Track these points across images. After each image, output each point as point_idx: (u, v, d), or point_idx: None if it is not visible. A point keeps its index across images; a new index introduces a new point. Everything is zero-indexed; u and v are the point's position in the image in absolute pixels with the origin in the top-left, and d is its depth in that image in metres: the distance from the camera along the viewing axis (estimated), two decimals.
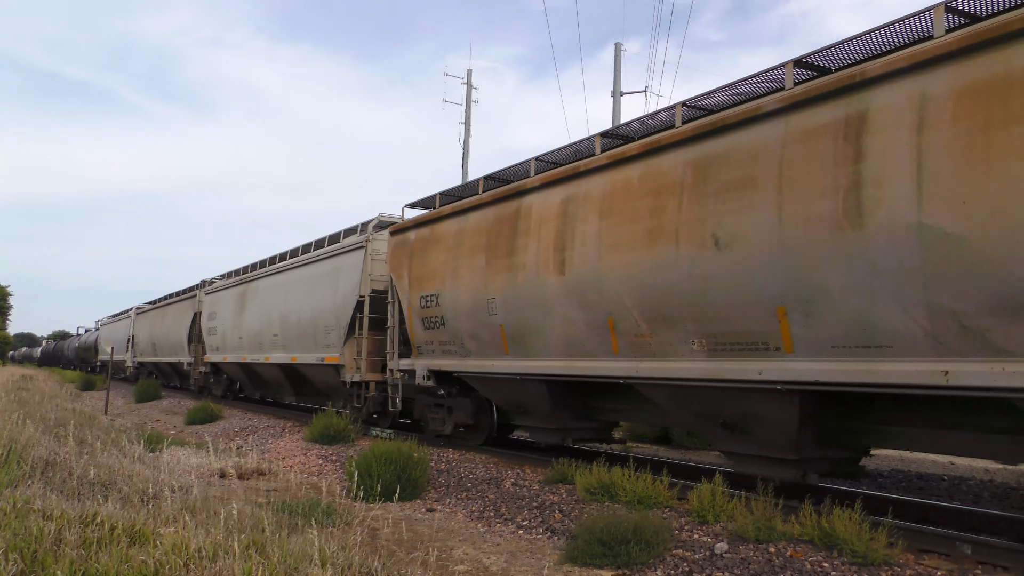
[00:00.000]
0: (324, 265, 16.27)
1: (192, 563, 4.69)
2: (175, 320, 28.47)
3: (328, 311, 15.40)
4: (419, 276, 11.98)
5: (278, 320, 18.14)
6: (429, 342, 11.96)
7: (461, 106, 28.88)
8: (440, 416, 12.34)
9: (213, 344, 23.08)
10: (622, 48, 22.96)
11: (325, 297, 15.68)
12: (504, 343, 10.15)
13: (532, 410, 10.46)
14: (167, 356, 29.89)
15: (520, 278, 9.56)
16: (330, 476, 10.78)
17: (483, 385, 11.19)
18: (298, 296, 17.14)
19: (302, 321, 16.76)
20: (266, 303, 19.07)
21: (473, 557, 6.47)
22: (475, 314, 10.53)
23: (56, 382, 33.57)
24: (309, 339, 16.34)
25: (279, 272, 18.91)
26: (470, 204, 11.01)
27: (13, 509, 5.52)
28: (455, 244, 11.12)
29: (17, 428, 8.98)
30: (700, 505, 7.04)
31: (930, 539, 6.06)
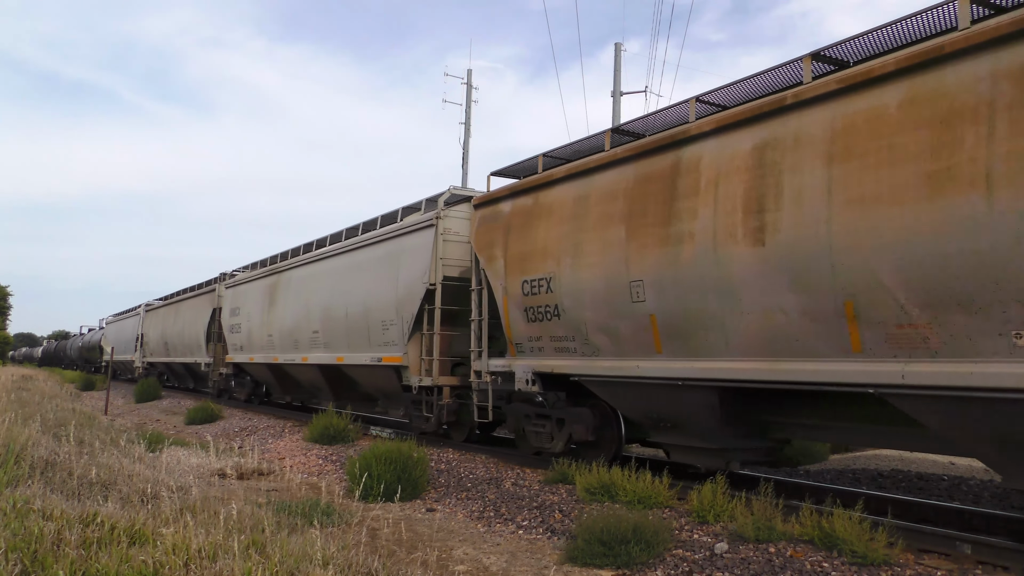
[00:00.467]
0: (380, 249, 14.00)
1: (192, 563, 4.69)
2: (191, 317, 26.30)
3: (387, 303, 13.28)
4: (520, 256, 9.91)
5: (319, 315, 15.92)
6: (534, 338, 9.81)
7: (461, 106, 28.91)
8: (545, 430, 10.11)
9: (236, 343, 20.93)
10: (622, 48, 22.96)
11: (383, 287, 13.51)
12: (655, 339, 7.98)
13: (686, 425, 8.27)
14: (181, 356, 27.59)
15: (685, 253, 7.42)
16: (330, 476, 10.78)
17: (613, 392, 8.97)
18: (346, 286, 14.91)
19: (351, 316, 14.53)
20: (303, 296, 16.86)
21: (473, 557, 6.47)
22: (609, 301, 8.43)
23: (56, 382, 33.36)
24: (360, 336, 14.18)
25: (319, 260, 16.62)
26: (596, 163, 8.86)
27: (13, 509, 5.52)
28: (575, 214, 9.02)
29: (17, 428, 8.98)
30: (700, 505, 7.04)
31: (930, 539, 6.06)
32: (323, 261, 16.39)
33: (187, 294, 27.64)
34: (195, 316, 25.78)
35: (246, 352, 20.21)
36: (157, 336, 31.27)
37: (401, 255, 13.17)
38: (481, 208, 11.06)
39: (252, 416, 19.29)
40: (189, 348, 26.37)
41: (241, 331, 20.51)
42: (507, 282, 10.14)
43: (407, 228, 13.16)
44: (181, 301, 28.20)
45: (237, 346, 20.92)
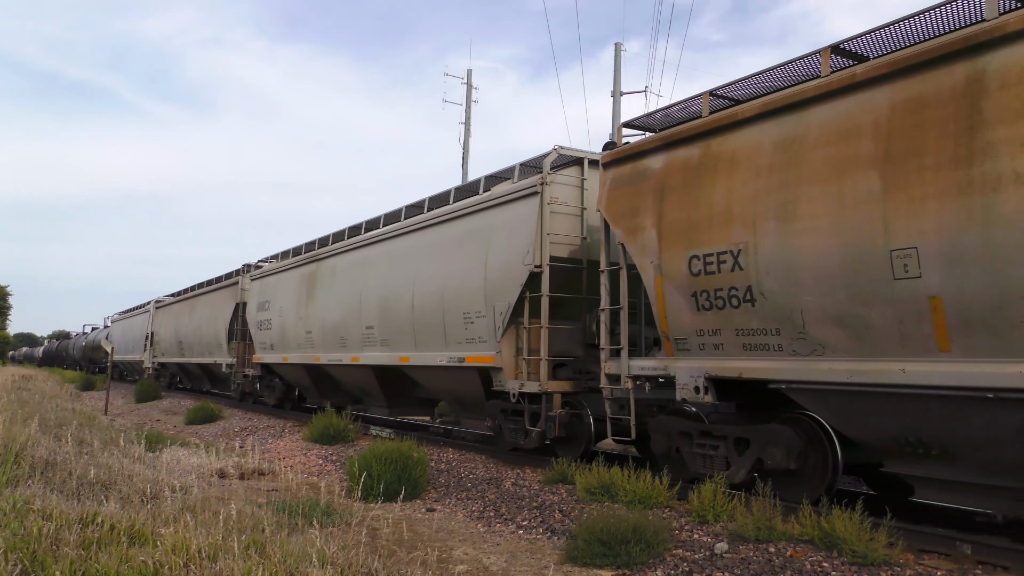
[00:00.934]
0: (459, 227, 11.55)
1: (192, 563, 4.69)
2: (209, 314, 24.01)
3: (471, 291, 10.83)
4: (684, 225, 7.76)
5: (374, 308, 13.52)
6: (707, 331, 7.60)
7: (461, 106, 28.91)
8: (717, 454, 7.87)
9: (265, 341, 18.61)
10: (622, 48, 22.96)
11: (465, 271, 11.06)
12: (939, 332, 5.72)
13: (970, 454, 5.98)
14: (198, 356, 25.21)
15: (1006, 204, 5.29)
16: (330, 476, 10.78)
17: (843, 406, 6.65)
18: (411, 273, 12.49)
19: (420, 308, 12.10)
20: (352, 286, 14.53)
21: (473, 557, 6.47)
22: (850, 279, 6.21)
23: (56, 382, 33.35)
24: (432, 332, 11.78)
25: (372, 243, 14.20)
26: (816, 91, 6.68)
27: (13, 509, 5.52)
28: (779, 163, 6.87)
29: (17, 428, 8.98)
30: (700, 505, 7.04)
31: (930, 539, 6.06)
32: (378, 244, 13.96)
33: (204, 288, 25.25)
34: (214, 313, 23.60)
35: (278, 351, 17.93)
36: (169, 335, 29.00)
37: (491, 232, 10.73)
38: (614, 167, 8.86)
39: (252, 416, 19.28)
40: (207, 347, 24.12)
41: (271, 328, 18.19)
42: (662, 259, 7.97)
43: (499, 199, 10.71)
44: (197, 296, 25.88)
45: (266, 345, 18.60)
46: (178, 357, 27.99)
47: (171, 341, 28.75)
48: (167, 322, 29.61)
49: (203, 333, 24.49)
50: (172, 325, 28.65)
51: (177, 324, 27.87)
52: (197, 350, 25.36)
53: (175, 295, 29.80)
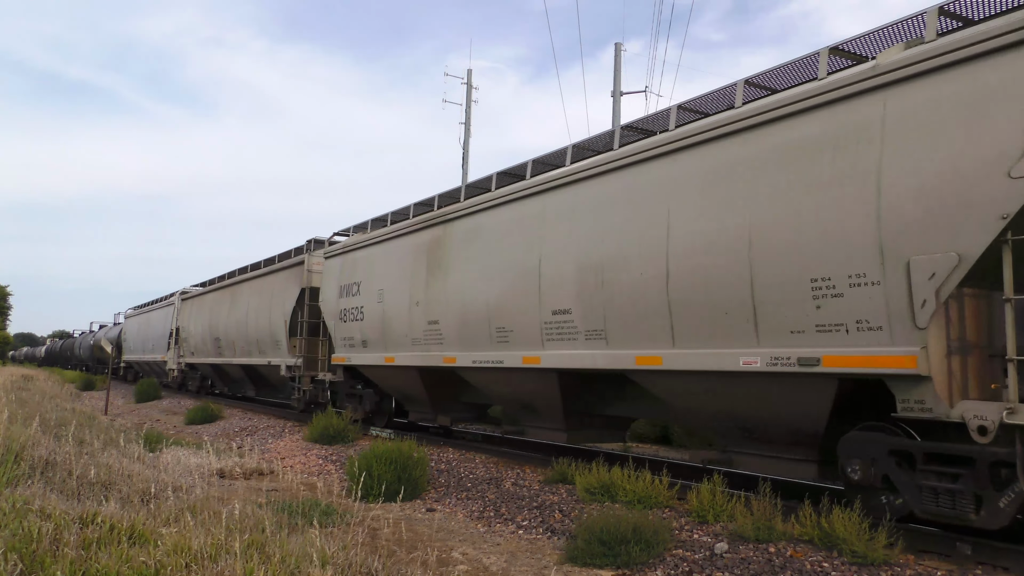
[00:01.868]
0: (799, 127, 6.58)
1: (193, 563, 4.69)
2: (260, 303, 19.43)
3: (839, 239, 6.15)
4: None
5: (570, 282, 8.91)
6: None
7: (461, 106, 28.91)
8: None
9: (353, 336, 14.16)
10: (622, 48, 22.96)
11: (823, 203, 6.26)
12: None
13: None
14: (243, 356, 20.57)
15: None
16: (330, 476, 10.78)
17: None
18: (656, 218, 7.77)
19: (684, 276, 7.46)
20: (517, 252, 9.85)
21: (473, 557, 6.47)
22: None
23: (56, 382, 33.31)
24: (716, 315, 7.15)
25: (556, 187, 9.37)
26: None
27: (12, 509, 5.52)
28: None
29: (17, 428, 8.98)
30: (700, 505, 7.05)
31: (930, 539, 6.06)
32: (573, 187, 9.11)
33: (252, 273, 20.78)
34: (267, 302, 18.93)
35: (375, 350, 13.47)
36: (201, 331, 24.38)
37: (891, 129, 5.85)
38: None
39: (252, 416, 19.28)
40: (257, 345, 19.50)
41: (363, 318, 13.83)
42: None
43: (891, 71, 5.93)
44: (241, 283, 21.45)
45: (354, 341, 14.22)
46: (213, 357, 23.23)
47: (203, 338, 24.05)
48: (198, 316, 24.98)
49: (251, 328, 19.88)
50: (205, 319, 24.10)
51: (212, 318, 23.27)
52: (242, 348, 20.66)
53: (209, 284, 25.21)
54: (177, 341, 27.51)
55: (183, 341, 26.79)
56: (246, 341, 20.31)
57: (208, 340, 23.63)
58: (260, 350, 19.40)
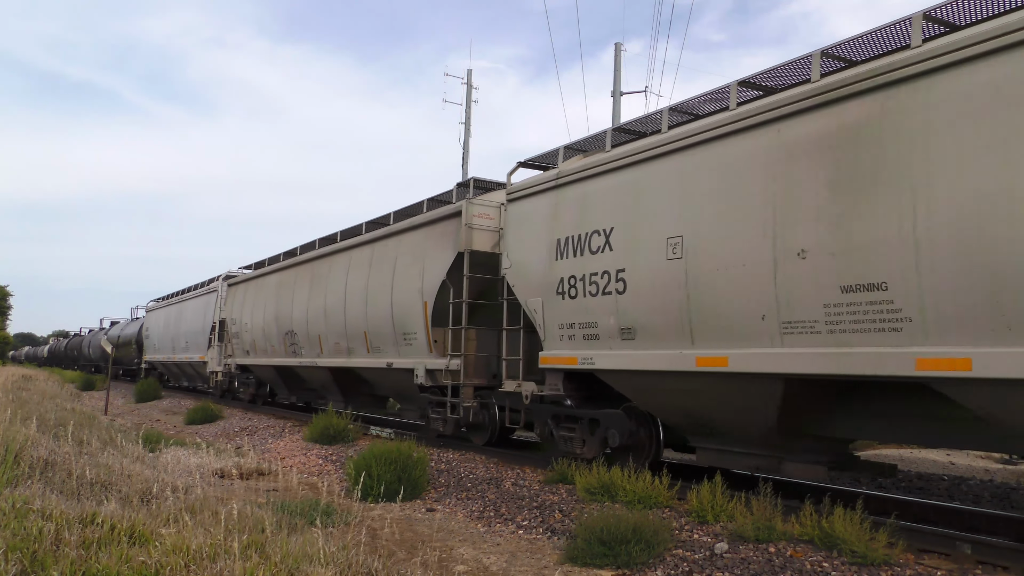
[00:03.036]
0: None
1: (192, 563, 4.69)
2: (376, 280, 13.48)
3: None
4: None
5: None
6: None
7: (461, 106, 28.90)
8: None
9: (589, 320, 8.67)
10: (622, 48, 22.96)
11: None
12: None
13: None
14: (336, 355, 15.11)
15: None
16: (330, 476, 10.78)
17: None
18: None
19: None
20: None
21: (473, 557, 6.47)
22: None
23: (56, 382, 33.22)
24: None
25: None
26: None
27: (12, 509, 5.52)
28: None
29: (16, 427, 8.97)
30: (700, 505, 7.05)
31: (930, 539, 6.06)
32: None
33: (349, 242, 15.02)
34: (388, 278, 13.09)
35: (660, 342, 7.85)
36: (262, 322, 18.86)
37: None
38: None
39: (252, 416, 19.28)
40: (368, 340, 13.72)
41: (626, 289, 8.21)
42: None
43: None
44: (331, 255, 15.75)
45: (595, 328, 8.60)
46: (282, 357, 17.81)
47: (266, 333, 18.63)
48: (256, 304, 19.53)
49: (352, 316, 14.21)
50: (268, 308, 18.58)
51: (280, 306, 17.83)
52: (333, 346, 15.15)
53: (265, 263, 20.13)
54: (222, 338, 22.34)
55: (232, 337, 21.30)
56: (342, 335, 14.66)
57: (274, 335, 18.11)
58: (373, 347, 13.58)
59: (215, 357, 22.82)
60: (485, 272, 11.04)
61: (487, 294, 11.11)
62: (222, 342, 22.49)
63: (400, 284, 12.73)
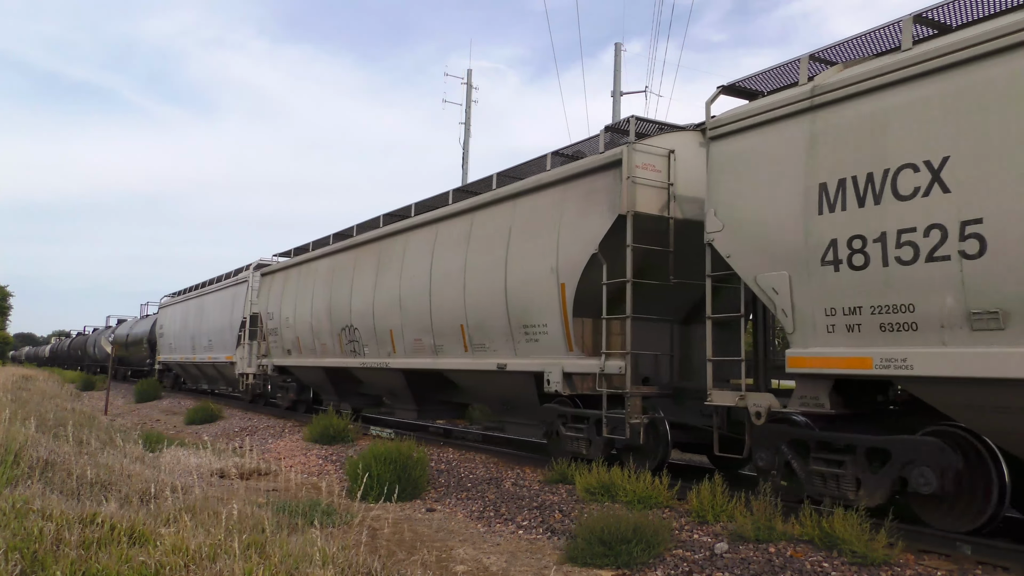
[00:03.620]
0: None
1: (192, 563, 4.69)
2: (478, 256, 10.85)
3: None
4: None
5: None
6: None
7: (461, 106, 28.90)
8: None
9: (907, 299, 5.73)
10: (622, 48, 22.97)
11: None
12: None
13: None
14: (417, 355, 12.40)
15: None
16: (330, 476, 10.78)
17: None
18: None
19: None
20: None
21: (473, 557, 6.47)
22: None
23: (56, 382, 33.15)
24: None
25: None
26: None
27: (12, 509, 5.52)
28: None
29: (16, 428, 8.98)
30: (700, 505, 7.05)
31: (930, 539, 6.06)
32: None
33: (445, 209, 12.09)
34: (486, 256, 10.65)
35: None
36: (308, 316, 16.02)
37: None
38: None
39: (252, 416, 19.28)
40: (470, 335, 10.99)
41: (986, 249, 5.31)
42: None
43: None
44: (402, 234, 13.11)
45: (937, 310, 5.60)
46: (336, 357, 15.06)
47: (313, 328, 15.80)
48: (300, 295, 16.66)
49: (442, 306, 11.58)
50: (316, 298, 15.66)
51: (333, 295, 14.99)
52: (412, 343, 12.38)
53: (309, 247, 17.30)
54: (254, 335, 19.68)
55: (268, 334, 18.46)
56: (425, 330, 11.88)
57: (325, 331, 15.31)
58: (474, 344, 10.82)
59: (245, 357, 20.11)
60: (650, 242, 8.46)
61: (649, 272, 8.53)
62: (254, 340, 19.63)
63: (519, 262, 9.88)
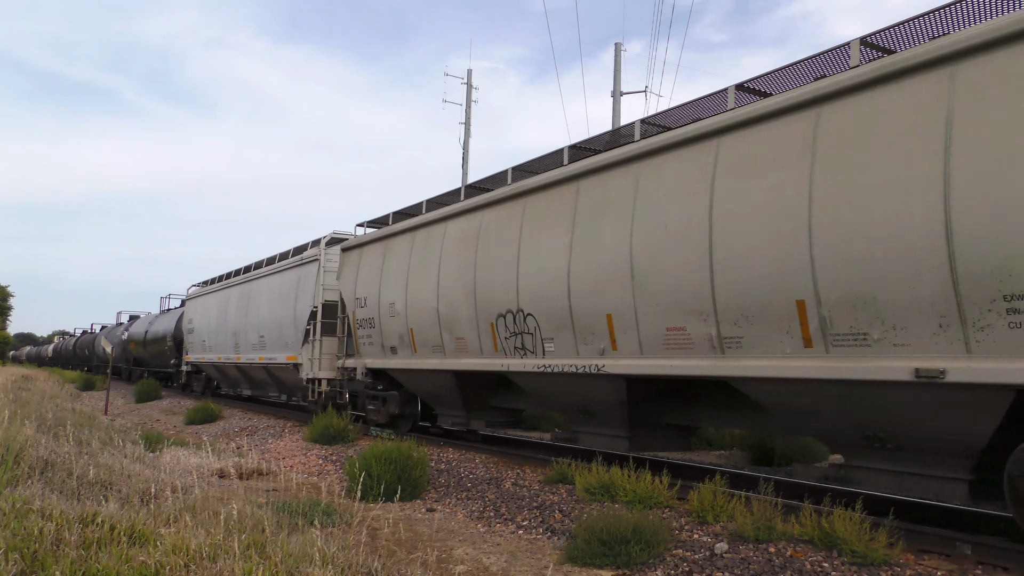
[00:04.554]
0: None
1: (192, 563, 4.69)
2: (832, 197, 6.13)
3: None
4: None
5: None
6: None
7: (461, 106, 28.89)
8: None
9: None
10: (622, 48, 22.97)
11: None
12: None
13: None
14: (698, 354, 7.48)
15: None
16: (330, 476, 10.78)
17: None
18: None
19: None
20: None
21: (473, 557, 6.47)
22: None
23: (56, 382, 33.07)
24: None
25: None
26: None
27: (12, 509, 5.52)
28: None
29: (16, 428, 8.97)
30: (700, 505, 7.05)
31: (930, 539, 6.06)
32: None
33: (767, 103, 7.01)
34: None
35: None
36: (449, 297, 11.32)
37: None
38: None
39: (252, 416, 19.28)
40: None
41: None
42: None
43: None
44: (677, 148, 7.86)
45: None
46: (502, 358, 10.38)
47: (450, 318, 11.33)
48: (410, 272, 12.42)
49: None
50: (464, 275, 10.98)
51: (482, 272, 10.61)
52: (699, 337, 7.45)
53: (398, 216, 13.76)
54: (332, 329, 15.61)
55: (359, 326, 13.94)
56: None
57: (462, 320, 11.02)
58: (837, 329, 6.23)
59: (316, 358, 15.61)
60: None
61: None
62: (330, 336, 15.69)
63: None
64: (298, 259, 17.12)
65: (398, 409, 13.57)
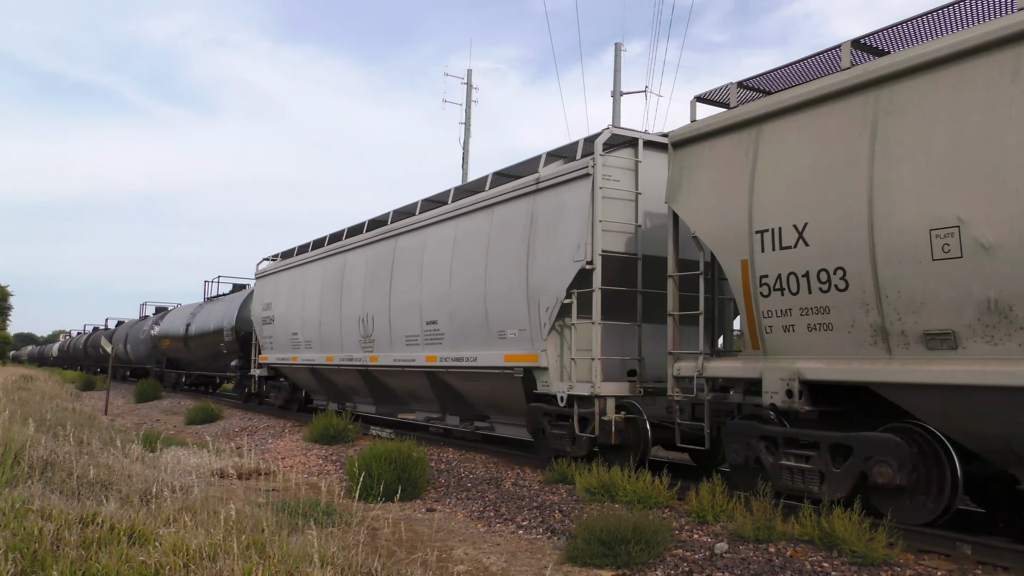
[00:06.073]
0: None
1: (192, 563, 4.69)
2: None
3: None
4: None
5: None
6: None
7: (461, 106, 28.88)
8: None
9: None
10: (622, 48, 22.98)
11: None
12: None
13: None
14: None
15: None
16: (330, 476, 10.78)
17: None
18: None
19: None
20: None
21: (473, 557, 6.47)
22: None
23: (56, 382, 33.04)
24: None
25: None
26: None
27: (12, 509, 5.52)
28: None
29: (16, 427, 8.97)
30: (700, 505, 7.05)
31: (930, 539, 6.05)
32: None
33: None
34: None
35: None
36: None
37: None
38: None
39: (252, 416, 19.28)
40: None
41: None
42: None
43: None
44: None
45: None
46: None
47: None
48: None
49: None
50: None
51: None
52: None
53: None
54: (624, 304, 8.98)
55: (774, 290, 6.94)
56: None
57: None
58: None
59: (586, 361, 8.87)
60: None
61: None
62: (618, 317, 8.99)
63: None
64: (533, 180, 9.85)
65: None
